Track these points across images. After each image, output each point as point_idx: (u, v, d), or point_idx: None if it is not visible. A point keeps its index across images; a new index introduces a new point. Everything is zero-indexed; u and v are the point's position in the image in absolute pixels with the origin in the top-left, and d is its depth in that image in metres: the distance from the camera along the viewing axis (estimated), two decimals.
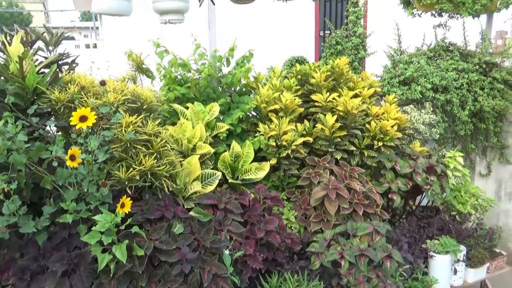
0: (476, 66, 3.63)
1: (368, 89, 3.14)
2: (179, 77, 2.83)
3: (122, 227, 1.84)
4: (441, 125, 3.44)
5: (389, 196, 2.78)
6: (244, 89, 3.06)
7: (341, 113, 2.82)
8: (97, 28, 13.60)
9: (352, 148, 2.83)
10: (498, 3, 3.72)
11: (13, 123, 1.75)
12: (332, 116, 2.78)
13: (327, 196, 2.44)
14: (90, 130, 1.99)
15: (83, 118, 1.60)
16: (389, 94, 3.33)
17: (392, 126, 2.84)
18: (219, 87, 2.95)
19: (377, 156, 2.85)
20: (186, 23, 3.16)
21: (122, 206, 1.82)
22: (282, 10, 5.58)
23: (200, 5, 2.82)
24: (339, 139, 2.79)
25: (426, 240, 2.69)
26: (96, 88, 2.32)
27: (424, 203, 3.25)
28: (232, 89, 3.04)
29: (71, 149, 1.74)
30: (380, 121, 2.88)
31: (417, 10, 3.97)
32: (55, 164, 1.83)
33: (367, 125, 2.88)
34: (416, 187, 2.89)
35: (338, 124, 2.77)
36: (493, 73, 3.60)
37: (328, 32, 6.32)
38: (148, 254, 1.86)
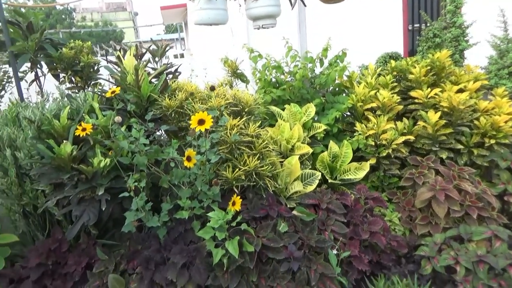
0: None
1: (474, 82, 2.90)
2: (273, 79, 2.90)
3: (234, 224, 1.93)
4: None
5: (505, 198, 2.53)
6: (337, 89, 3.02)
7: (445, 110, 2.64)
8: (182, 39, 14.53)
9: (459, 146, 2.63)
10: None
11: (137, 129, 1.94)
12: (435, 113, 2.62)
13: (435, 197, 2.31)
14: (199, 133, 2.13)
15: (201, 122, 1.72)
16: (497, 87, 3.04)
17: (505, 122, 2.58)
18: (312, 88, 2.95)
19: (489, 154, 2.61)
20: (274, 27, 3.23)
21: (233, 204, 1.91)
22: (367, 5, 5.41)
23: (293, 8, 2.86)
24: (444, 137, 2.62)
25: None
26: (201, 94, 2.47)
27: None
28: (325, 89, 3.02)
29: (187, 151, 1.88)
30: (490, 117, 2.64)
31: None
32: (172, 165, 1.99)
33: (475, 122, 2.66)
34: None
35: (442, 121, 2.60)
36: None
37: (418, 25, 6.00)
38: (257, 250, 1.93)
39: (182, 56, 10.22)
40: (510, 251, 2.03)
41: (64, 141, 2.09)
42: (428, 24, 3.47)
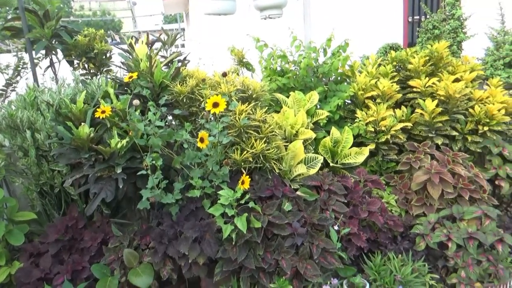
0: None
1: (470, 72, 3.03)
2: (278, 68, 3.02)
3: (242, 201, 2.07)
4: None
5: (496, 182, 2.68)
6: (339, 78, 3.14)
7: (442, 98, 2.77)
8: (182, 29, 14.58)
9: (454, 133, 2.77)
10: None
11: (154, 112, 2.07)
12: (432, 101, 2.76)
13: (430, 180, 2.45)
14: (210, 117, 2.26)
15: (215, 104, 1.85)
16: (492, 78, 3.17)
17: (499, 110, 2.72)
18: (315, 77, 3.08)
19: (482, 141, 2.75)
20: (277, 18, 3.34)
21: (243, 183, 2.05)
22: None
23: None
24: (440, 124, 2.76)
25: None
26: (211, 80, 2.60)
27: None
28: (328, 78, 3.14)
29: (200, 133, 2.01)
30: (485, 105, 2.78)
31: None
32: (185, 146, 2.12)
33: (470, 110, 2.80)
34: None
35: (439, 109, 2.73)
36: None
37: (417, 17, 6.10)
38: (264, 227, 2.07)
39: (183, 46, 10.31)
40: (499, 229, 2.19)
41: (82, 123, 2.21)
42: (428, 16, 3.59)
